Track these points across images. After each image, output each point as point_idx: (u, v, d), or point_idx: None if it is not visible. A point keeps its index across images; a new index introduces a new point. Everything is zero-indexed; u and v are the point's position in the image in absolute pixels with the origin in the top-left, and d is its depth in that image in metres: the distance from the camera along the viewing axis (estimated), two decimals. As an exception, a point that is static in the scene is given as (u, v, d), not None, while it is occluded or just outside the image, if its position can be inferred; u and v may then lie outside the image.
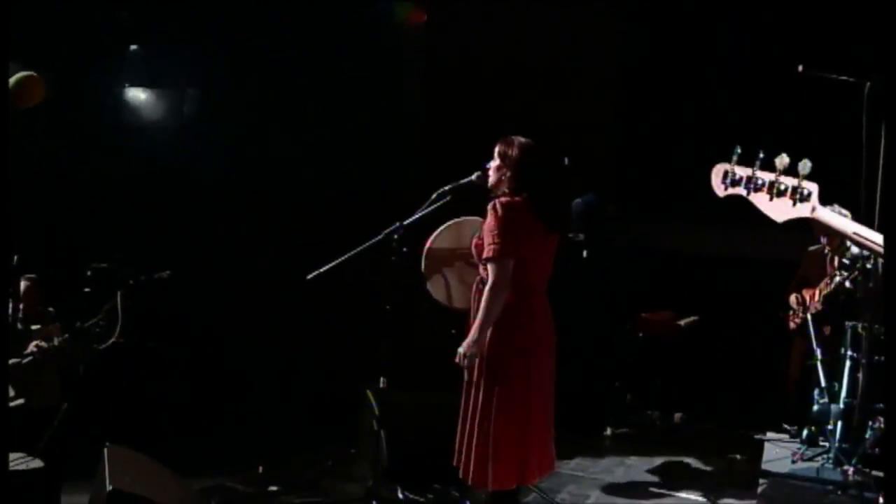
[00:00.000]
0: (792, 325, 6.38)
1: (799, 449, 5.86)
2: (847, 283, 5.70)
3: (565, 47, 7.43)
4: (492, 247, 3.96)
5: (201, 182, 7.43)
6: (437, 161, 6.98)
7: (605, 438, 6.80)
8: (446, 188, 4.51)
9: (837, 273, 5.82)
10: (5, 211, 2.96)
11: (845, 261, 5.48)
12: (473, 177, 4.36)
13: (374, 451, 4.89)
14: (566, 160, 6.46)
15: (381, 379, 5.00)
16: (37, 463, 4.37)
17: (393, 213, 4.64)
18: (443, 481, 4.47)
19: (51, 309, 5.13)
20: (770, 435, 6.38)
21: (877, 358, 5.20)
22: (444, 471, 4.26)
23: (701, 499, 5.34)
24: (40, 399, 5.00)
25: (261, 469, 5.49)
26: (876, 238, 2.28)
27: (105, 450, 3.89)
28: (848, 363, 5.56)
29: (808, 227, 6.06)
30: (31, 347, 4.81)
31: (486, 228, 4.02)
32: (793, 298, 6.40)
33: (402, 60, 7.74)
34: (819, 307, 6.11)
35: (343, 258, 4.61)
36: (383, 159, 7.55)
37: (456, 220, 4.57)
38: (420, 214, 4.52)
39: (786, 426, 6.40)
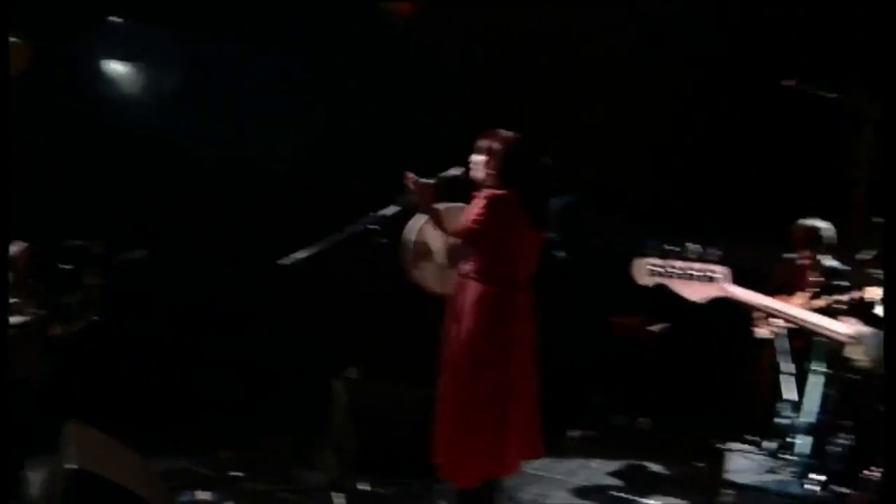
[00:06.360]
0: (764, 333, 6.38)
1: (764, 460, 5.90)
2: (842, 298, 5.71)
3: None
4: (468, 226, 3.96)
5: (181, 162, 7.29)
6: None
7: (571, 440, 6.82)
8: (427, 181, 4.44)
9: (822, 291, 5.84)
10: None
11: (840, 283, 5.46)
12: (458, 171, 4.32)
13: (342, 441, 4.86)
14: (548, 160, 6.42)
15: (354, 369, 4.96)
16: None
17: (375, 201, 4.59)
18: (413, 475, 4.44)
19: (40, 283, 5.02)
20: (734, 445, 6.41)
21: (849, 375, 5.23)
22: (415, 464, 4.24)
23: (662, 505, 5.38)
24: (17, 370, 4.91)
25: (224, 453, 5.45)
26: (787, 310, 2.61)
27: (68, 427, 3.83)
28: (814, 378, 5.59)
29: (782, 239, 6.18)
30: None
31: (470, 212, 4.02)
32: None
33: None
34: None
35: (320, 246, 4.55)
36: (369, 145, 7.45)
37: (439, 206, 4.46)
38: (401, 205, 4.46)
39: (749, 437, 6.43)
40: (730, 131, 7.29)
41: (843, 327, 2.39)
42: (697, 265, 2.61)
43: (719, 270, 2.59)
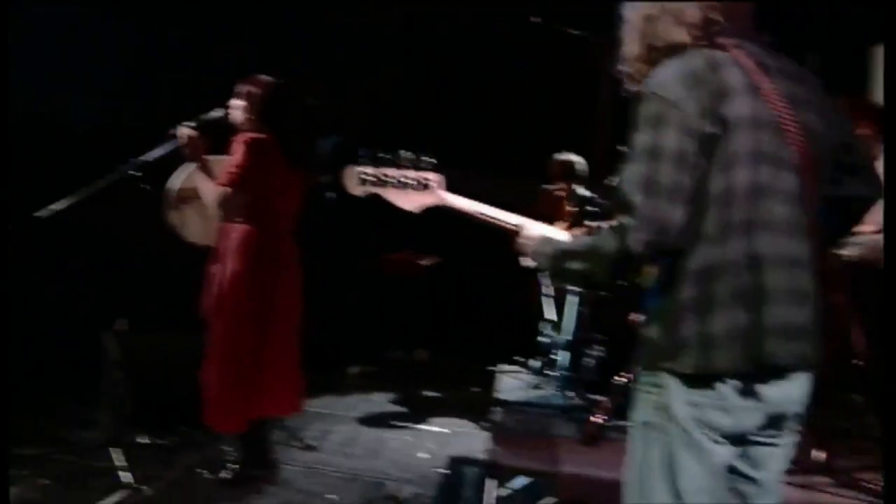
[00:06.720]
0: (529, 261, 6.71)
1: (531, 378, 6.33)
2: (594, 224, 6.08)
3: None
4: (227, 175, 3.95)
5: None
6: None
7: (350, 377, 6.99)
8: (188, 124, 4.34)
9: (577, 219, 6.23)
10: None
11: (592, 209, 5.81)
12: (219, 113, 4.28)
13: (116, 396, 4.75)
14: (313, 100, 6.44)
15: (123, 321, 4.83)
16: None
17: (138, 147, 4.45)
18: (194, 423, 4.40)
19: None
20: (503, 367, 6.80)
21: (600, 294, 5.67)
22: (194, 412, 4.22)
23: (439, 429, 5.64)
24: None
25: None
26: (500, 215, 2.54)
27: None
28: (570, 297, 6.02)
29: (544, 173, 6.52)
30: None
31: (229, 160, 4.01)
32: None
33: None
34: None
35: (79, 195, 4.36)
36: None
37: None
38: (162, 151, 4.35)
39: (517, 357, 6.84)
40: (488, 71, 7.56)
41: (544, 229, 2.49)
42: (412, 173, 2.48)
43: (433, 178, 2.49)
